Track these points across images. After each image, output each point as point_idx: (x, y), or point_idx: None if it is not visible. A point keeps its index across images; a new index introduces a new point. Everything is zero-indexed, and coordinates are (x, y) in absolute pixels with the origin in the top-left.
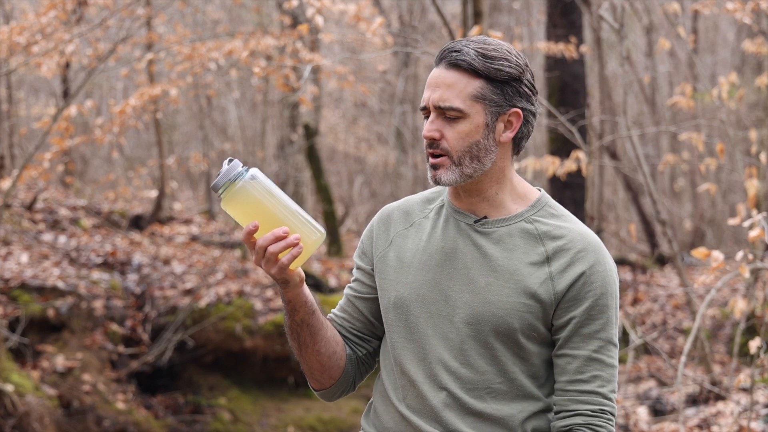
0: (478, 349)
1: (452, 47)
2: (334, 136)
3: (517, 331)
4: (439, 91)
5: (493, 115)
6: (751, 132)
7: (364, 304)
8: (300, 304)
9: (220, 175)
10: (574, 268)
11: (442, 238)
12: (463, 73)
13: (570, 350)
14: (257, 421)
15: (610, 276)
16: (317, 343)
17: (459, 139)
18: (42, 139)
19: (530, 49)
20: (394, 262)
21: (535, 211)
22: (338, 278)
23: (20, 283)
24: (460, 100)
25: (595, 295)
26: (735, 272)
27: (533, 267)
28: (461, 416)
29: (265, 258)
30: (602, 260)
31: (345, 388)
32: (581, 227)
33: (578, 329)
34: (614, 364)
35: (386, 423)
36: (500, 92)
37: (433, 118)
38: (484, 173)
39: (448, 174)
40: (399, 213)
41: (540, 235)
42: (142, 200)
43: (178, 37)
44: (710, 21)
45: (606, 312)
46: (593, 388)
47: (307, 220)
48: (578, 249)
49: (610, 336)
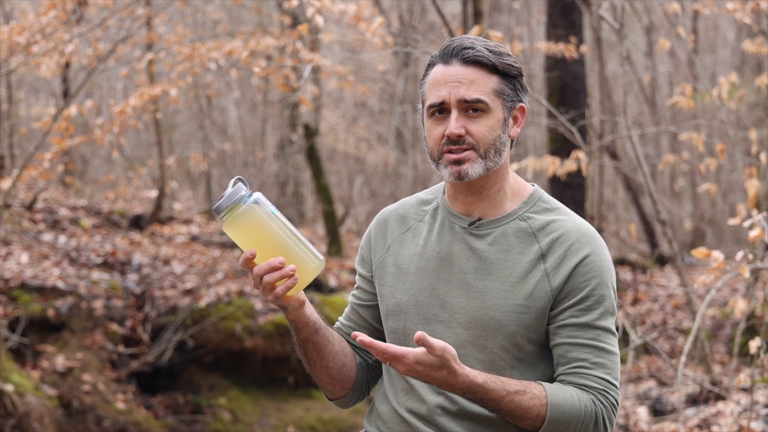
0: (476, 354)
1: (462, 44)
2: (334, 136)
3: (515, 333)
4: (462, 86)
5: (507, 109)
6: (751, 132)
7: (368, 312)
8: (302, 324)
9: (223, 197)
10: (569, 260)
11: (437, 243)
12: (483, 69)
13: (569, 339)
14: (257, 421)
15: (605, 265)
16: (324, 358)
17: (485, 132)
18: (42, 139)
19: (530, 49)
20: (392, 269)
21: (528, 207)
22: (338, 278)
23: (20, 283)
24: (485, 94)
25: (591, 285)
26: (735, 272)
27: (529, 265)
28: (458, 420)
29: (261, 286)
30: (597, 250)
31: (359, 395)
32: (575, 219)
33: (576, 319)
34: (615, 351)
35: (388, 423)
36: (512, 87)
37: (457, 115)
38: (497, 168)
39: (475, 167)
40: (395, 218)
41: (534, 231)
42: (142, 200)
43: (178, 37)
44: (710, 21)
45: (603, 302)
46: (598, 374)
47: (307, 247)
48: (572, 242)
49: (608, 325)
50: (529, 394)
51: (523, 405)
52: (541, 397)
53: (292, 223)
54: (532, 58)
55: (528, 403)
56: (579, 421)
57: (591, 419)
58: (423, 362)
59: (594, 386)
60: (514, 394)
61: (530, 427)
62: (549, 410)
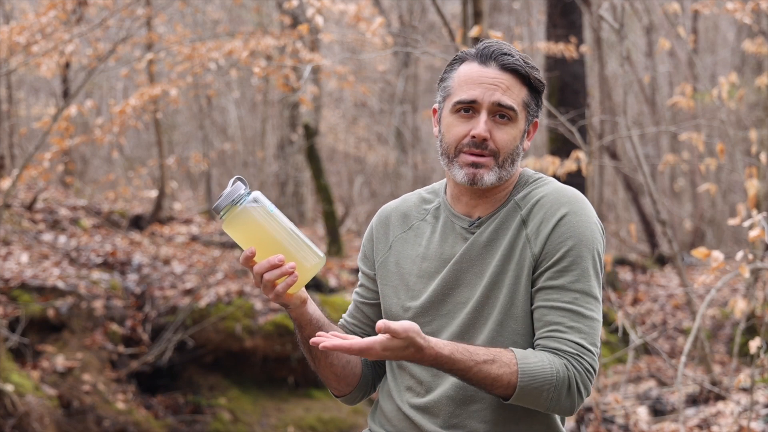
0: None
1: (501, 49)
2: (334, 136)
3: (521, 322)
4: (498, 91)
5: (527, 122)
6: (751, 132)
7: (371, 310)
8: (305, 322)
9: (222, 196)
10: (547, 223)
11: (440, 245)
12: (517, 78)
13: (545, 302)
14: (257, 421)
15: (586, 226)
16: (329, 356)
17: (507, 141)
18: (42, 139)
19: (530, 49)
20: (394, 269)
21: (517, 189)
22: (338, 278)
23: (20, 283)
24: (516, 103)
25: (567, 246)
26: (735, 272)
27: (515, 239)
28: (465, 405)
29: (262, 284)
30: (577, 210)
31: (365, 392)
32: (557, 185)
33: (552, 282)
34: (594, 317)
35: (391, 422)
36: (535, 102)
37: (486, 118)
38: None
39: (490, 175)
40: (397, 215)
41: (517, 203)
42: (142, 200)
43: (178, 37)
44: (710, 21)
45: (580, 263)
46: (572, 338)
47: (307, 244)
48: (550, 203)
49: (589, 288)
50: (498, 362)
51: (492, 373)
52: (511, 364)
53: (292, 222)
54: (532, 59)
55: (497, 372)
56: (551, 387)
57: (564, 384)
58: (389, 347)
59: (567, 350)
60: (482, 364)
61: (502, 395)
62: (519, 377)
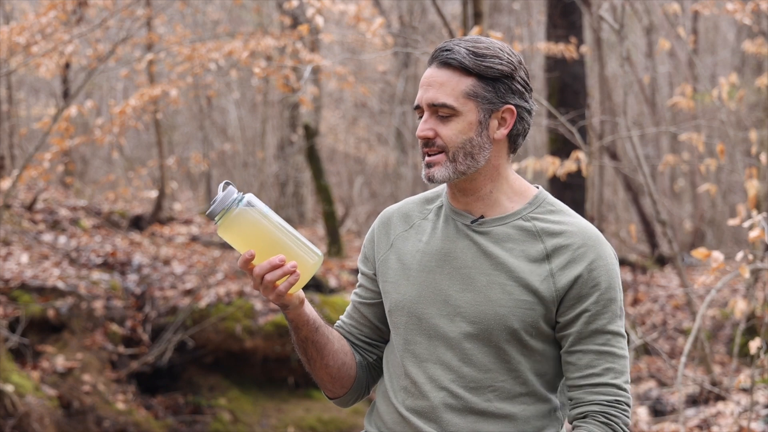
0: (481, 347)
1: (444, 47)
2: (334, 136)
3: (520, 329)
4: (431, 90)
5: (485, 112)
6: (751, 132)
7: (370, 310)
8: (302, 323)
9: (215, 202)
10: (576, 265)
11: (441, 239)
12: (455, 71)
13: (580, 346)
14: (257, 422)
15: (612, 269)
16: (324, 357)
17: (453, 136)
18: (42, 139)
19: (530, 49)
20: (395, 265)
21: (532, 209)
22: (338, 278)
23: (20, 283)
24: (452, 98)
25: (600, 290)
26: (735, 273)
27: (533, 264)
28: (462, 416)
29: (262, 285)
30: (603, 254)
31: (359, 394)
32: (580, 222)
33: (586, 326)
34: (625, 354)
35: (387, 423)
36: (492, 89)
37: (427, 117)
38: (477, 171)
39: (442, 170)
40: (399, 215)
41: (538, 232)
42: (142, 200)
43: (178, 37)
44: (710, 21)
45: (611, 305)
46: (607, 380)
47: (305, 243)
48: (578, 245)
49: (618, 328)
50: None
51: None
52: None
53: (292, 223)
54: (532, 59)
55: None
56: None
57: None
58: None
59: (605, 399)
60: None
61: None
62: None
